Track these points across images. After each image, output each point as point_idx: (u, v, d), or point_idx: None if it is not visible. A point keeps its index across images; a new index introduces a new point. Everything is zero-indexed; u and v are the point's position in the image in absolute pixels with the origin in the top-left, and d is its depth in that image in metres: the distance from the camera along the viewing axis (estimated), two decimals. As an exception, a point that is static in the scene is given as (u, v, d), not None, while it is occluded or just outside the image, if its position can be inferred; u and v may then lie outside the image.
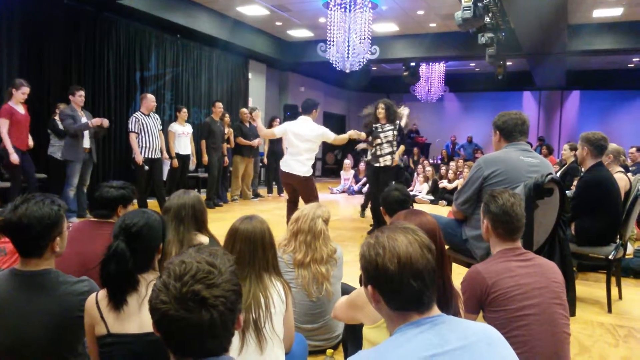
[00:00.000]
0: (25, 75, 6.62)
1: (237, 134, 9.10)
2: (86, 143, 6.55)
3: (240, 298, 1.18)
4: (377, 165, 6.43)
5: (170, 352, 1.16)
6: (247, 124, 9.29)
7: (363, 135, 6.12)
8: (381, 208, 2.94)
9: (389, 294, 1.27)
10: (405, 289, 1.24)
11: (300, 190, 5.38)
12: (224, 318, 1.11)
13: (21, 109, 6.02)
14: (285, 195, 5.95)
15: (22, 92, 5.94)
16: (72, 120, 6.34)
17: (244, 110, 9.63)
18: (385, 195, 2.94)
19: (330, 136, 5.49)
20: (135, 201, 5.71)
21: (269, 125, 10.43)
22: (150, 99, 7.06)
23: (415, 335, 1.21)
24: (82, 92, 6.59)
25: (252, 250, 2.06)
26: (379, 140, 6.39)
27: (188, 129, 8.33)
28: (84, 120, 6.49)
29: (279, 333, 2.01)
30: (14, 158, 5.81)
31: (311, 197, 5.26)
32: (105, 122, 6.58)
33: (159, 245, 1.85)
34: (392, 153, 6.42)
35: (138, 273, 1.73)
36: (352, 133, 5.69)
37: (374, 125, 6.51)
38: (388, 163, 6.40)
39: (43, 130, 7.07)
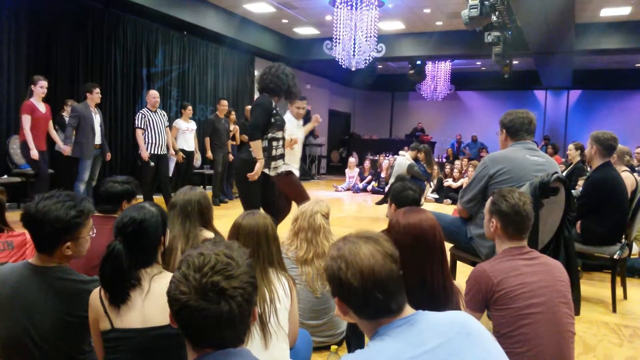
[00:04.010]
0: (32, 72, 6.65)
1: (241, 131, 9.11)
2: (97, 139, 6.56)
3: (256, 291, 1.20)
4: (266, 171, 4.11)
5: (188, 344, 1.17)
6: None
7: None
8: (393, 205, 2.87)
9: (355, 307, 1.27)
10: (370, 301, 1.23)
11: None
12: (242, 309, 1.13)
13: (42, 107, 6.09)
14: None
15: (40, 86, 6.00)
16: (77, 121, 6.37)
17: (250, 107, 9.63)
18: (404, 195, 2.85)
19: None
20: (141, 197, 5.71)
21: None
22: (151, 94, 7.06)
23: (394, 337, 1.21)
24: (99, 90, 6.62)
25: (256, 244, 2.07)
26: (280, 134, 4.17)
27: (192, 125, 8.36)
28: (97, 118, 6.54)
29: (284, 327, 2.02)
30: (34, 154, 5.89)
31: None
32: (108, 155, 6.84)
33: (159, 239, 1.82)
34: (282, 158, 4.26)
35: (141, 268, 1.73)
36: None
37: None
38: (280, 171, 4.26)
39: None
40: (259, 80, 4.24)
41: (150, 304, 1.68)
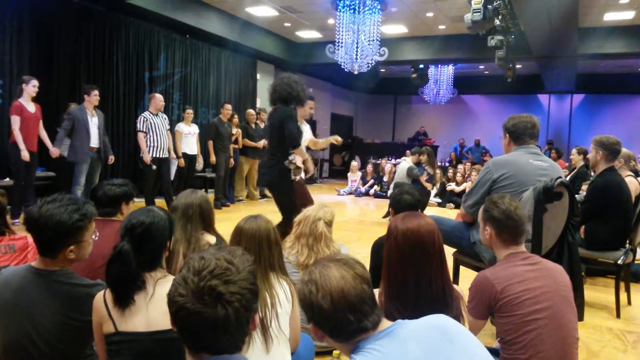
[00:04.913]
0: (35, 75, 6.66)
1: (243, 135, 9.13)
2: (94, 142, 6.48)
3: (256, 298, 1.19)
4: None
5: (185, 347, 1.17)
6: (253, 125, 9.35)
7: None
8: (391, 209, 2.92)
9: (329, 330, 1.27)
10: (343, 324, 1.24)
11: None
12: (239, 315, 1.12)
13: (31, 108, 5.99)
14: None
15: (32, 85, 5.91)
16: (71, 124, 6.28)
17: (251, 111, 9.67)
18: (398, 199, 2.89)
19: None
20: (138, 199, 5.66)
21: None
22: (158, 98, 7.09)
23: (377, 350, 1.20)
24: (97, 92, 6.55)
25: (258, 248, 2.06)
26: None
27: (194, 129, 8.37)
28: (94, 121, 6.48)
29: (286, 332, 2.00)
30: (25, 155, 5.78)
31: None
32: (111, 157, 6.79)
33: (165, 243, 1.83)
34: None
35: (146, 271, 1.73)
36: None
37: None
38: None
39: (52, 129, 7.10)
40: (272, 92, 4.36)
41: (155, 308, 1.67)
